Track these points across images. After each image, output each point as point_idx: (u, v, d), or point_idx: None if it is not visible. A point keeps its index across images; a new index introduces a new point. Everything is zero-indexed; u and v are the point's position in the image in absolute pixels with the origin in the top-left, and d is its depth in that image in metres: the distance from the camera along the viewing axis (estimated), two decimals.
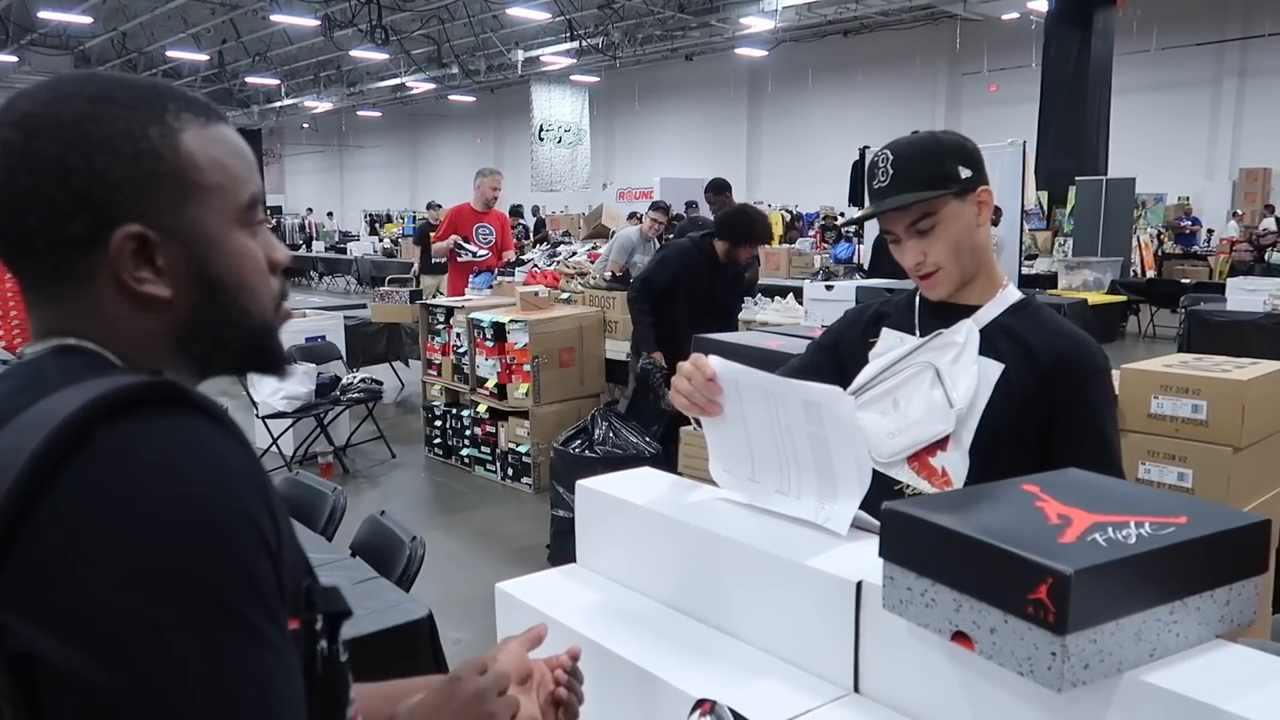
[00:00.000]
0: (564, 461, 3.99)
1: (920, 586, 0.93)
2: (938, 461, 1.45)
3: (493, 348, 5.38)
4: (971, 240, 1.46)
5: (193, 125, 0.71)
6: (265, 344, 0.77)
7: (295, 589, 0.66)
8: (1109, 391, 1.48)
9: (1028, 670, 0.83)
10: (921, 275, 1.48)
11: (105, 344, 0.70)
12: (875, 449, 1.49)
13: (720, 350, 2.80)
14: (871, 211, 1.46)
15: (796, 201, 19.75)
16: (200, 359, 0.75)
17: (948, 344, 1.46)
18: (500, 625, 1.41)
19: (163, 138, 0.69)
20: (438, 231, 6.70)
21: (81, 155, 0.66)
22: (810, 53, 21.68)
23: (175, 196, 0.69)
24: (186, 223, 0.70)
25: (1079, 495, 0.98)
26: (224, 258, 0.72)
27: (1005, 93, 19.01)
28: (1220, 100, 17.64)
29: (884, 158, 1.44)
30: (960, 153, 1.45)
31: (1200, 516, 0.92)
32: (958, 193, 1.44)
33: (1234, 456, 1.94)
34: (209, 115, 0.73)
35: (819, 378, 1.62)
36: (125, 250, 0.68)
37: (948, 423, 1.42)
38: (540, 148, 21.46)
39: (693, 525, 1.26)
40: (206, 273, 0.71)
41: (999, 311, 1.48)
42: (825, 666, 1.10)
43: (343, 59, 23.07)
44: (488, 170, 6.60)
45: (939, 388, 1.44)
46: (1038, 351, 1.43)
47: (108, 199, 0.66)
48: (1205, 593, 0.89)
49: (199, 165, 0.70)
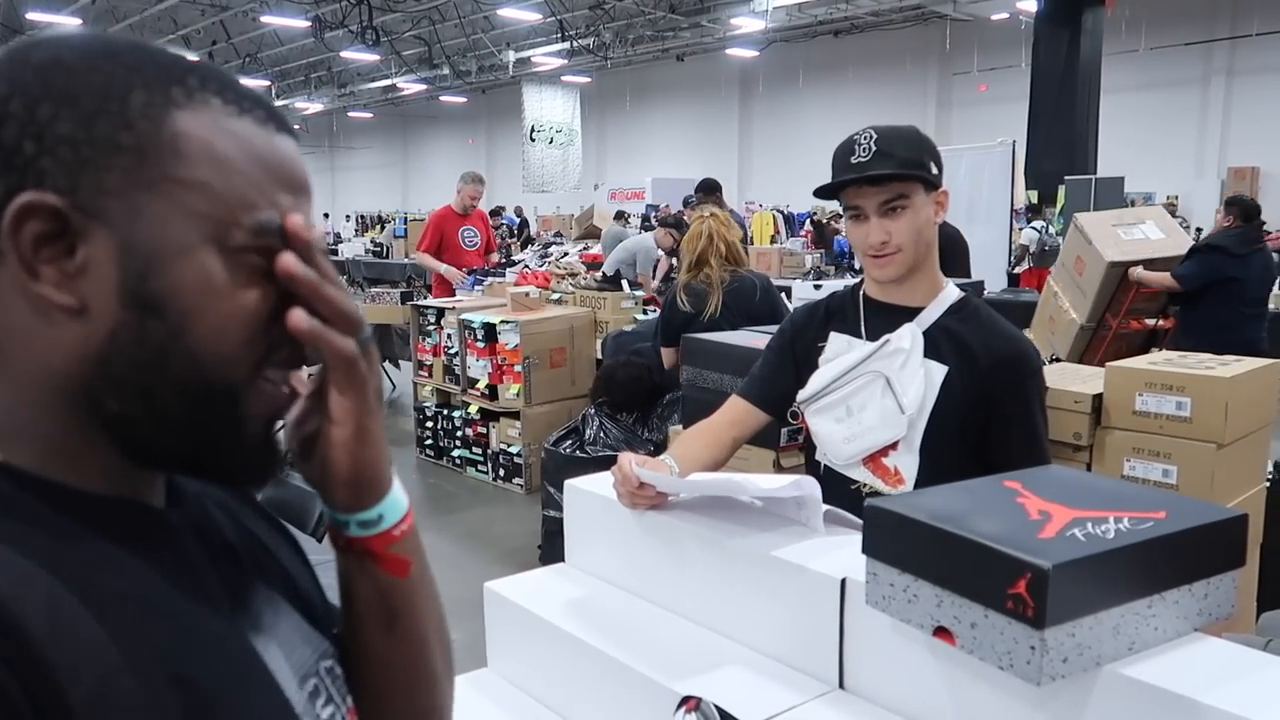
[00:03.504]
0: (555, 462, 3.99)
1: (903, 583, 0.94)
2: (890, 461, 1.54)
3: (484, 348, 5.38)
4: (929, 234, 1.54)
5: (212, 109, 0.54)
6: (218, 420, 0.55)
7: None
8: (1042, 390, 1.61)
9: (1008, 664, 0.84)
10: (878, 254, 1.53)
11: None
12: (832, 453, 1.60)
13: (708, 349, 2.82)
14: (851, 176, 1.50)
15: (788, 201, 19.78)
16: (117, 424, 0.53)
17: (895, 350, 1.53)
18: (489, 625, 1.42)
19: (146, 106, 0.52)
20: (424, 238, 6.63)
21: (27, 101, 0.51)
22: (801, 53, 21.71)
23: (131, 180, 0.52)
24: (135, 217, 0.51)
25: (1060, 491, 0.99)
26: (177, 276, 0.52)
27: (995, 92, 19.07)
28: (1209, 99, 17.72)
29: (867, 135, 1.50)
30: (934, 151, 1.54)
31: (1178, 511, 0.93)
32: (927, 186, 1.51)
33: (1218, 453, 1.96)
34: (249, 110, 0.56)
35: (780, 382, 1.68)
36: (24, 227, 0.50)
37: (900, 428, 1.51)
38: (532, 148, 21.47)
39: (679, 524, 1.27)
40: (145, 289, 0.52)
41: (940, 313, 1.56)
42: (810, 663, 1.11)
43: (333, 60, 23.03)
44: (471, 177, 6.58)
45: (890, 396, 1.51)
46: (978, 353, 1.52)
47: (33, 159, 0.50)
48: (1183, 587, 0.90)
49: (183, 151, 0.52)
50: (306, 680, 0.62)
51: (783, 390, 1.68)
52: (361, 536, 0.64)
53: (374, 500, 0.63)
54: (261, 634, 0.60)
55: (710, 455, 1.60)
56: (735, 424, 1.68)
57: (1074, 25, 13.17)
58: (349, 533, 0.64)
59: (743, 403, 1.69)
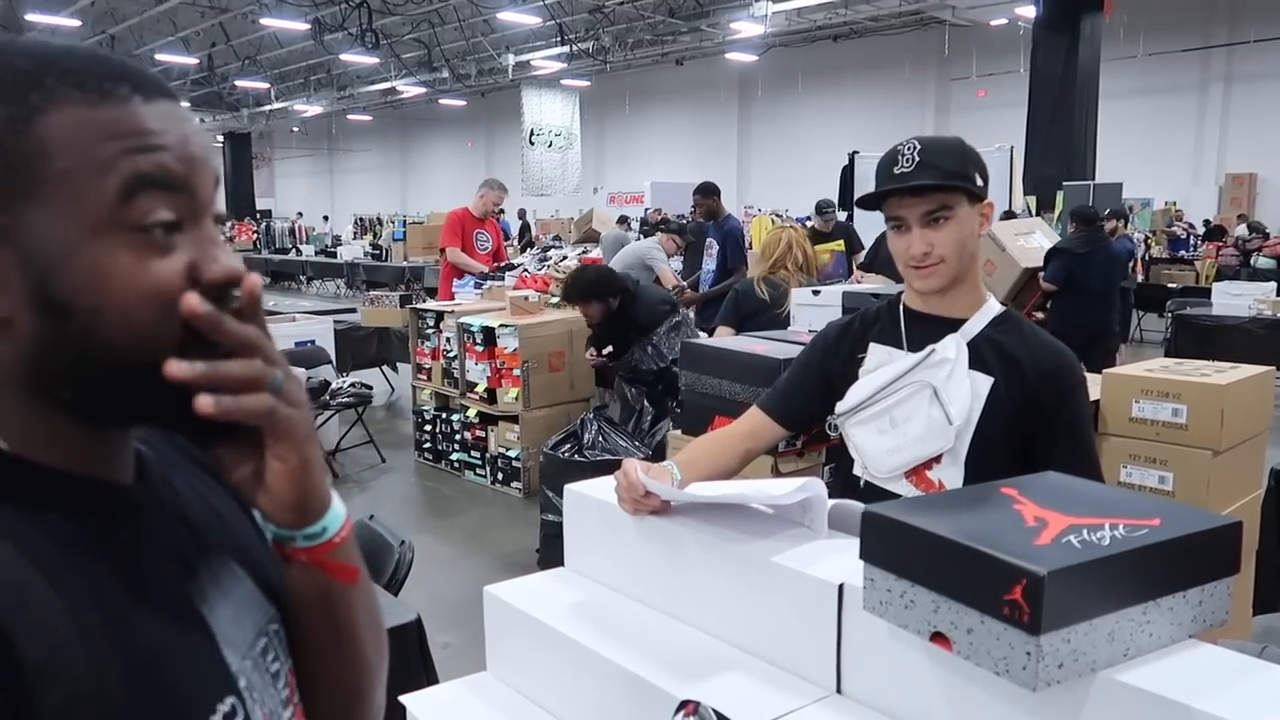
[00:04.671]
0: (553, 466, 4.00)
1: (900, 588, 0.95)
2: (935, 475, 1.51)
3: (482, 352, 5.39)
4: (972, 246, 1.53)
5: (70, 105, 0.55)
6: (156, 393, 0.57)
7: None
8: (1087, 402, 1.57)
9: (1004, 670, 0.85)
10: (921, 265, 1.51)
11: None
12: (874, 466, 1.56)
13: (707, 355, 2.83)
14: (894, 186, 1.48)
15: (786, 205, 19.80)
16: (71, 406, 0.58)
17: (941, 361, 1.51)
18: (488, 629, 1.42)
19: (9, 120, 0.54)
20: (449, 235, 6.64)
21: None
22: (800, 58, 21.75)
23: (11, 194, 0.54)
24: (24, 227, 0.54)
25: (1056, 498, 0.99)
26: (75, 274, 0.54)
27: (993, 98, 19.11)
28: (1206, 106, 17.78)
29: (910, 146, 1.48)
30: (978, 161, 1.52)
31: (1173, 518, 0.93)
32: (972, 197, 1.50)
33: (1214, 460, 1.97)
34: (110, 90, 0.57)
35: (806, 398, 1.66)
36: None
37: (947, 439, 1.48)
38: (531, 152, 21.48)
39: (679, 529, 1.27)
40: (48, 293, 0.54)
41: (984, 324, 1.54)
42: (808, 668, 1.12)
43: (333, 63, 23.04)
44: (495, 183, 6.61)
45: (937, 406, 1.49)
46: (1024, 364, 1.50)
47: None
48: (1178, 593, 0.90)
49: (48, 153, 0.54)
50: (259, 638, 0.68)
51: (805, 406, 1.66)
52: (306, 548, 0.68)
53: (318, 516, 0.67)
54: (216, 598, 0.65)
55: (720, 464, 1.59)
56: (751, 435, 1.66)
57: (1073, 31, 13.21)
58: (295, 545, 0.68)
59: (762, 415, 1.67)
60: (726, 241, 6.16)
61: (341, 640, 0.73)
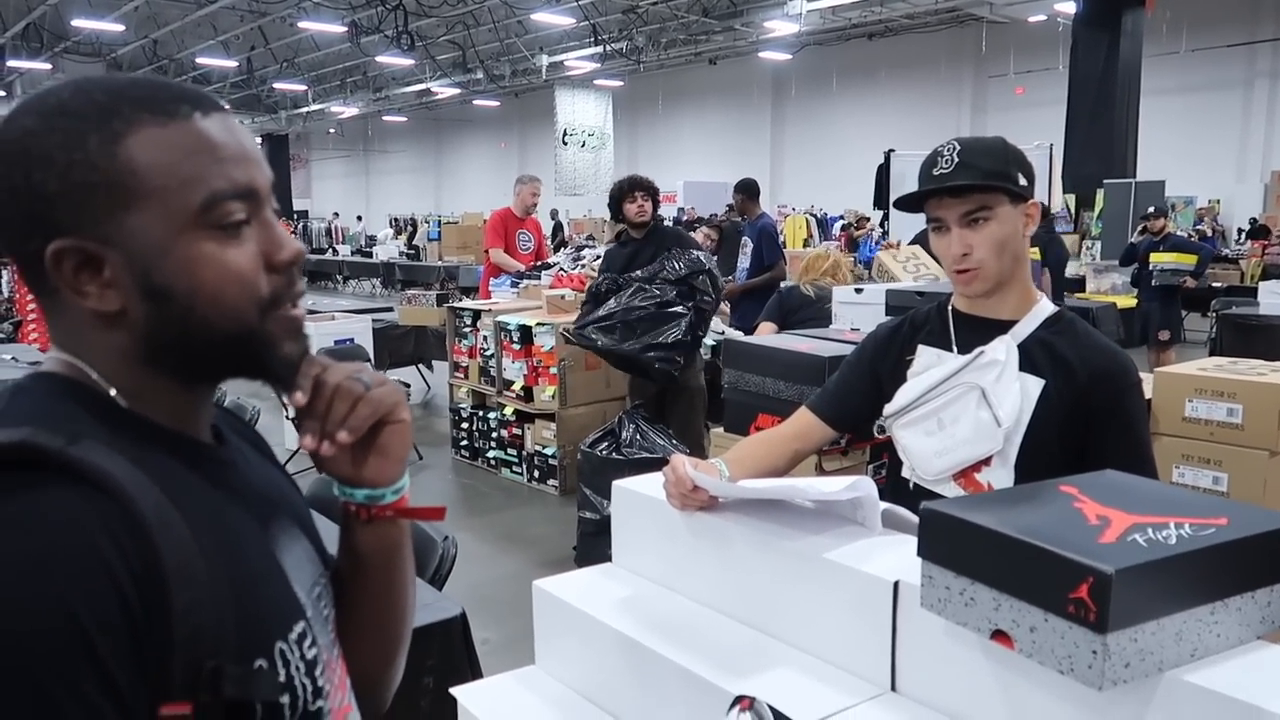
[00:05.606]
0: (591, 464, 4.01)
1: (959, 585, 0.94)
2: (983, 477, 1.50)
3: (519, 350, 5.42)
4: (1015, 247, 1.50)
5: (145, 126, 0.67)
6: (247, 353, 0.72)
7: (193, 669, 0.61)
8: (1143, 403, 1.54)
9: (1068, 669, 0.84)
10: (961, 269, 1.50)
11: (86, 359, 0.70)
12: (922, 468, 1.54)
13: (752, 353, 2.82)
14: (932, 187, 1.47)
15: (821, 205, 19.70)
16: (177, 370, 0.72)
17: (990, 362, 1.49)
18: (537, 623, 1.43)
19: (101, 146, 0.66)
20: (491, 236, 6.68)
21: (22, 172, 0.65)
22: (834, 56, 21.62)
23: (112, 206, 0.66)
24: (126, 233, 0.67)
25: (1117, 496, 0.98)
26: (171, 266, 0.68)
27: (1032, 95, 18.88)
28: (1252, 102, 17.42)
29: (950, 147, 1.47)
30: (1021, 161, 1.49)
31: (1240, 518, 0.92)
32: (1013, 197, 1.47)
33: (1270, 460, 1.93)
34: (174, 110, 0.69)
35: (856, 399, 1.65)
36: (62, 265, 0.67)
37: (995, 441, 1.46)
38: (564, 151, 21.55)
39: (729, 525, 1.27)
40: (152, 283, 0.68)
41: (1035, 326, 1.52)
42: (862, 665, 1.11)
43: (369, 65, 23.27)
44: (528, 177, 6.64)
45: (985, 408, 1.47)
46: (1075, 366, 1.48)
47: (47, 214, 0.66)
48: (1246, 594, 0.89)
49: (137, 172, 0.66)
50: (314, 586, 0.81)
51: (855, 407, 1.65)
52: (394, 502, 0.85)
53: (404, 470, 0.86)
54: (284, 545, 0.78)
55: (768, 464, 1.58)
56: (800, 436, 1.66)
57: (1113, 27, 13.02)
58: (384, 501, 0.84)
59: (811, 416, 1.67)
60: (762, 238, 6.15)
61: (393, 592, 0.89)
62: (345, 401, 0.78)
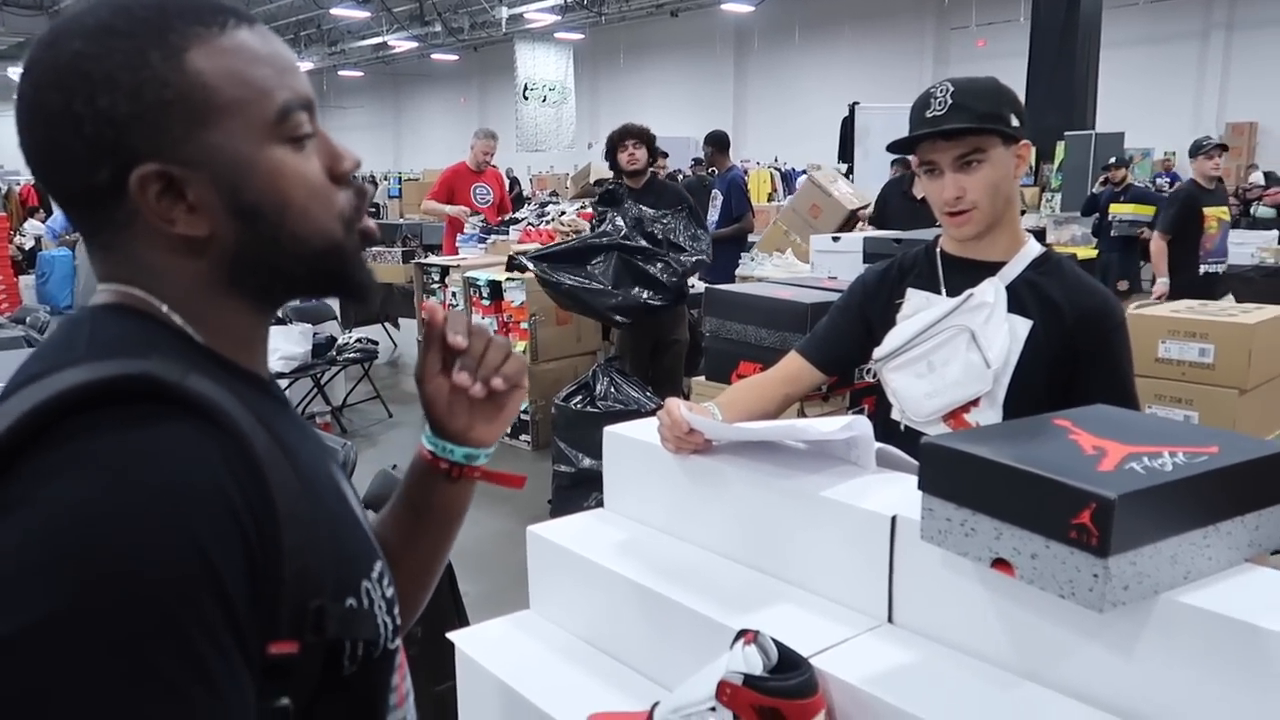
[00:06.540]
0: (566, 417, 4.01)
1: (960, 517, 0.96)
2: (972, 418, 1.52)
3: (489, 306, 5.38)
4: (1007, 188, 1.50)
5: (203, 39, 0.64)
6: (334, 268, 0.71)
7: (299, 609, 0.61)
8: (1128, 343, 1.55)
9: (1069, 593, 0.86)
10: (954, 212, 1.50)
11: (157, 292, 0.66)
12: (912, 410, 1.56)
13: (732, 302, 2.83)
14: (925, 131, 1.47)
15: (785, 159, 19.65)
16: (260, 292, 0.70)
17: (979, 305, 1.50)
18: (531, 568, 1.44)
19: (165, 61, 0.62)
20: (433, 190, 6.62)
21: (85, 99, 0.61)
22: (796, 8, 21.43)
23: (190, 124, 0.63)
24: (208, 151, 0.63)
25: (1111, 428, 1.01)
26: (258, 181, 0.65)
27: (993, 48, 18.87)
28: (1207, 54, 17.58)
29: (943, 89, 1.47)
30: (1014, 102, 1.49)
31: (1231, 446, 0.95)
32: (1006, 139, 1.47)
33: (1240, 399, 1.99)
34: (224, 22, 0.65)
35: (846, 343, 1.66)
36: (147, 192, 0.63)
37: (985, 383, 1.48)
38: (525, 107, 21.23)
39: (725, 467, 1.28)
40: (242, 202, 0.65)
41: (1023, 268, 1.53)
42: (859, 599, 1.14)
43: (323, 17, 22.69)
44: (484, 132, 6.56)
45: (975, 350, 1.49)
46: (1062, 307, 1.49)
47: (121, 141, 0.62)
48: (1236, 518, 0.92)
49: (209, 84, 0.63)
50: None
51: (844, 352, 1.67)
52: (483, 465, 0.91)
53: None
54: (345, 489, 0.78)
55: (759, 407, 1.59)
56: (789, 380, 1.67)
57: None
58: (477, 462, 0.90)
59: (800, 360, 1.68)
60: (731, 190, 6.15)
61: (447, 543, 0.96)
62: (500, 351, 0.84)
